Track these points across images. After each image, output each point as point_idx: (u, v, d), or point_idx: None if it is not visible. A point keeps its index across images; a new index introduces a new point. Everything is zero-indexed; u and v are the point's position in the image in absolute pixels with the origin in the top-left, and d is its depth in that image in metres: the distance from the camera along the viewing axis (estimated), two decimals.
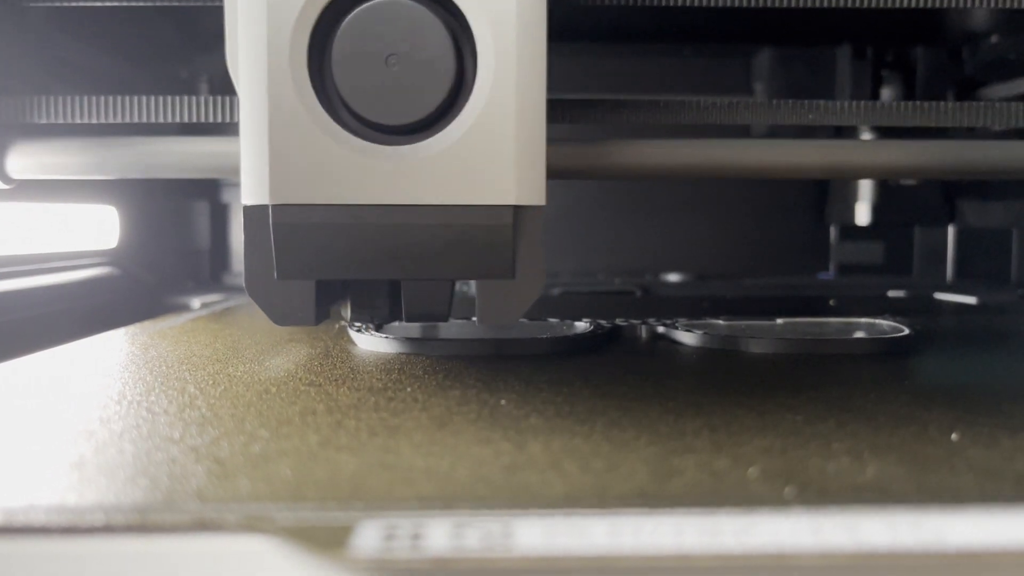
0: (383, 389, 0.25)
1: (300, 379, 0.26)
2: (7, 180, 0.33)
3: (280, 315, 0.25)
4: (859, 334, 0.34)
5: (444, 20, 0.24)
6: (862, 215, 0.64)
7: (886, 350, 0.31)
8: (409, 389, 0.25)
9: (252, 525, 0.14)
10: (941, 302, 0.53)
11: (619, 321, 0.35)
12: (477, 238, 0.24)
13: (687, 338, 0.32)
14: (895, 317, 0.36)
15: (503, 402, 0.23)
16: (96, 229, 0.53)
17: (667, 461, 0.18)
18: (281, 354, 0.31)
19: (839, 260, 0.69)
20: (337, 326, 0.38)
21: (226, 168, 0.32)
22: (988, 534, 0.14)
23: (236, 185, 0.65)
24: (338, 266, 0.25)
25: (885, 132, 0.60)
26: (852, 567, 0.13)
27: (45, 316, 0.46)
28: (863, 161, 0.34)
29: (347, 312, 0.28)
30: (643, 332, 0.35)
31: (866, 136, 0.62)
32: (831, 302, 0.50)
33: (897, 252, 0.69)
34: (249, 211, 0.25)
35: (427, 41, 0.23)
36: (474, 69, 0.24)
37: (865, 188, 0.64)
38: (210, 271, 0.65)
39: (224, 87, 0.35)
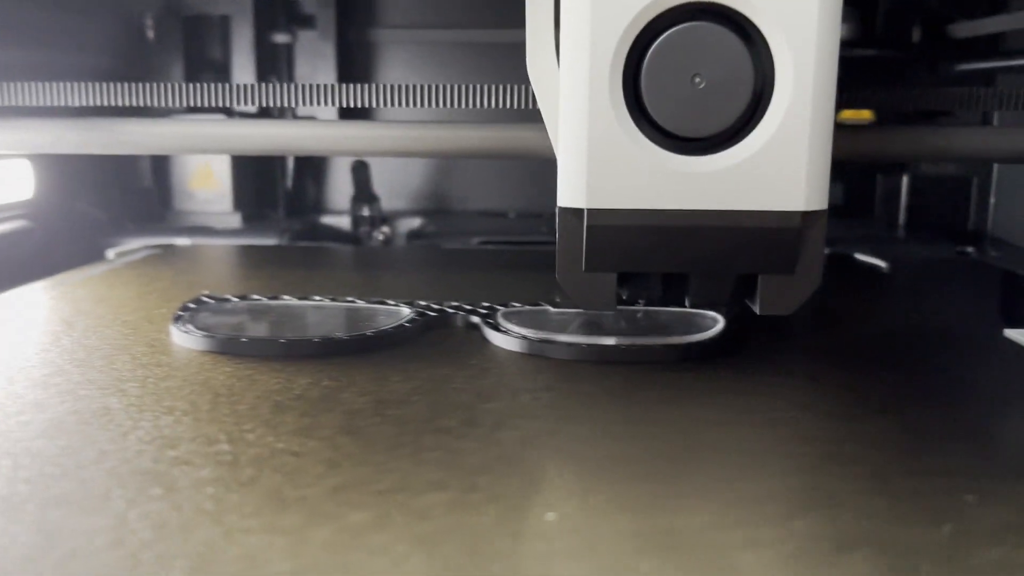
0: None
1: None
2: None
3: (587, 301, 0.29)
4: (672, 336, 0.32)
5: (746, 41, 0.26)
6: None
7: (682, 356, 0.30)
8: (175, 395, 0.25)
9: None
10: (856, 263, 0.51)
11: (448, 307, 0.35)
12: (766, 239, 0.27)
13: (495, 338, 0.32)
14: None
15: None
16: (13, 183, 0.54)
17: None
18: (104, 337, 0.32)
19: None
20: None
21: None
22: None
23: None
24: (639, 261, 0.28)
25: None
26: None
27: None
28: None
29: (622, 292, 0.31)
30: (459, 322, 0.34)
31: None
32: None
33: (859, 197, 0.67)
34: (564, 212, 0.28)
35: (729, 61, 0.26)
36: (772, 87, 0.26)
37: None
38: (151, 210, 0.66)
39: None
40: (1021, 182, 0.59)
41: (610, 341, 0.31)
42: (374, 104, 0.37)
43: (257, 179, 0.68)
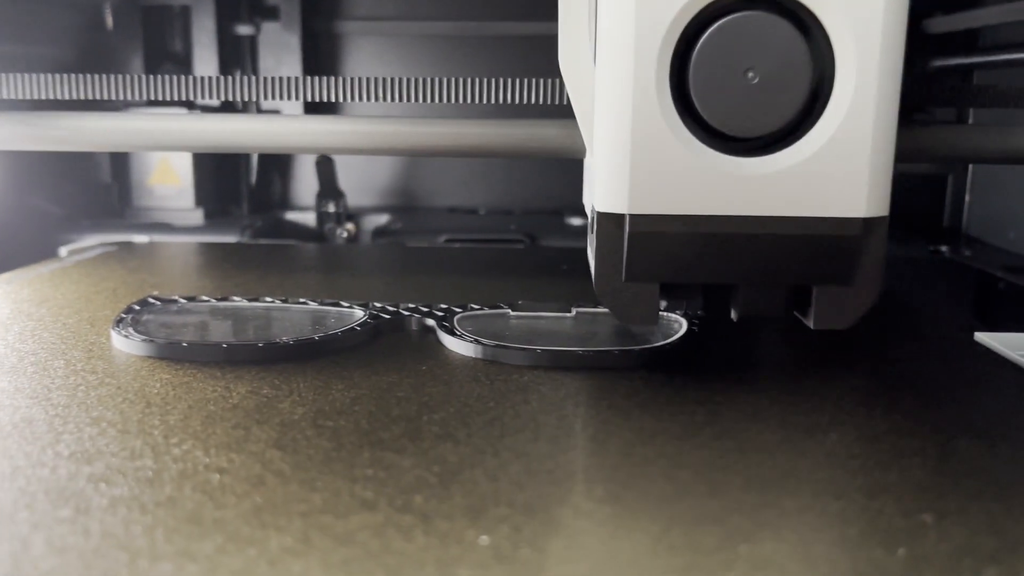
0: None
1: None
2: None
3: (627, 314, 0.26)
4: (632, 342, 0.31)
5: (803, 32, 0.24)
6: None
7: (639, 363, 0.29)
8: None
9: None
10: None
11: (404, 309, 0.33)
12: (823, 248, 0.25)
13: (449, 342, 0.31)
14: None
15: None
16: None
17: None
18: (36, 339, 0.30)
19: None
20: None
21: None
22: None
23: None
24: (684, 271, 0.25)
25: None
26: None
27: None
28: None
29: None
30: (414, 325, 0.33)
31: None
32: None
33: None
34: (602, 217, 0.26)
35: (785, 53, 0.24)
36: (831, 81, 0.24)
37: None
38: (111, 206, 0.64)
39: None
40: (997, 180, 0.58)
41: (569, 346, 0.30)
42: (341, 98, 0.36)
43: (219, 175, 0.67)
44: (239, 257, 0.50)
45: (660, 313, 0.32)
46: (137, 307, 0.34)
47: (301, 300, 0.35)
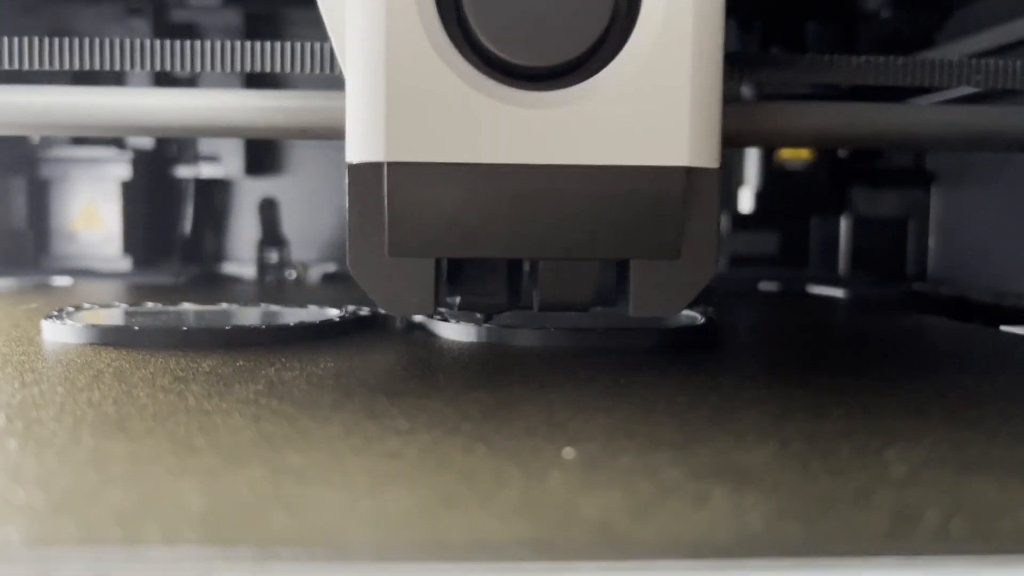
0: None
1: None
2: None
3: (391, 300, 0.20)
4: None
5: None
6: (745, 202, 0.59)
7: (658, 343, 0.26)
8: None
9: None
10: (812, 295, 0.49)
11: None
12: (638, 208, 0.20)
13: (445, 330, 0.27)
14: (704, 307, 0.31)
15: None
16: None
17: None
18: None
19: (731, 250, 0.64)
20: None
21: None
22: None
23: (57, 161, 0.58)
24: (465, 242, 0.20)
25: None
26: None
27: None
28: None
29: (453, 299, 0.22)
30: (399, 321, 0.29)
31: None
32: None
33: (794, 244, 0.65)
34: (356, 171, 0.19)
35: None
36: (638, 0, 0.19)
37: (750, 173, 0.59)
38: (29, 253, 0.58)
39: None
40: (959, 224, 0.58)
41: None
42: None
43: (150, 222, 0.62)
44: (185, 291, 0.45)
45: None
46: (71, 308, 0.29)
47: (267, 303, 0.30)
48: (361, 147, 0.19)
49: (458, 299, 0.22)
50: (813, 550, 0.11)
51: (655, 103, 0.19)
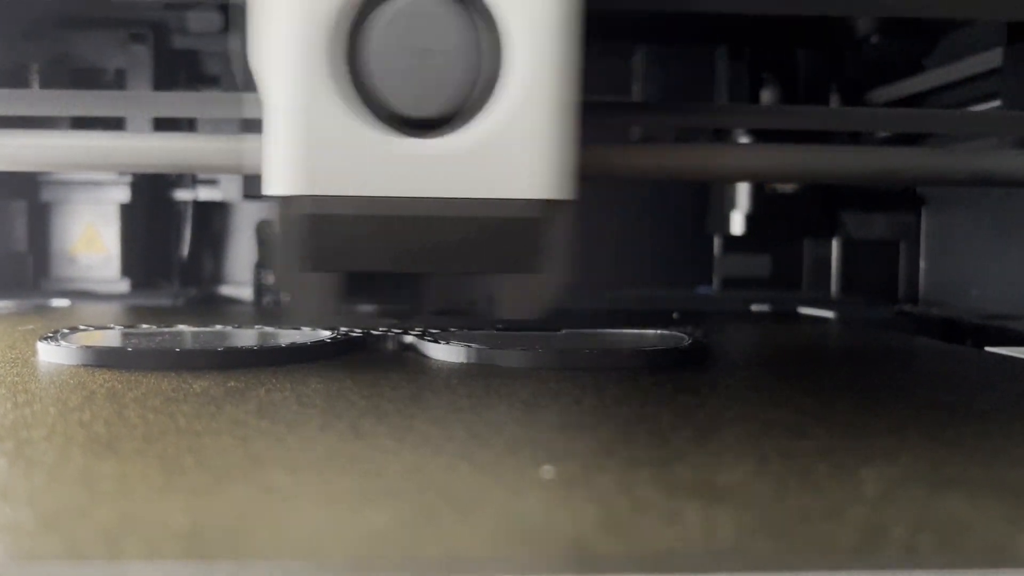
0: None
1: None
2: None
3: (304, 310, 0.25)
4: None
5: (471, 15, 0.24)
6: (736, 225, 0.60)
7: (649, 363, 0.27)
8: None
9: None
10: (801, 316, 0.49)
11: (376, 330, 0.30)
12: (505, 231, 0.25)
13: (436, 351, 0.27)
14: (683, 328, 0.31)
15: None
16: None
17: None
18: None
19: (724, 273, 0.64)
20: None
21: None
22: None
23: (58, 184, 0.59)
24: (365, 258, 0.25)
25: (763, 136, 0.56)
26: None
27: None
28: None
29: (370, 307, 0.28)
30: (389, 343, 0.29)
31: (744, 139, 0.58)
32: (674, 315, 0.46)
33: (787, 266, 0.65)
34: (280, 203, 0.25)
35: (453, 36, 0.24)
36: (501, 63, 0.24)
37: (742, 196, 0.60)
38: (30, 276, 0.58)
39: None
40: (949, 247, 0.59)
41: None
42: None
43: (148, 245, 0.62)
44: (182, 313, 0.46)
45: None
46: (67, 330, 0.29)
47: (261, 325, 0.31)
48: (281, 181, 0.24)
49: (374, 307, 0.28)
50: (785, 563, 0.12)
51: (518, 146, 0.24)
